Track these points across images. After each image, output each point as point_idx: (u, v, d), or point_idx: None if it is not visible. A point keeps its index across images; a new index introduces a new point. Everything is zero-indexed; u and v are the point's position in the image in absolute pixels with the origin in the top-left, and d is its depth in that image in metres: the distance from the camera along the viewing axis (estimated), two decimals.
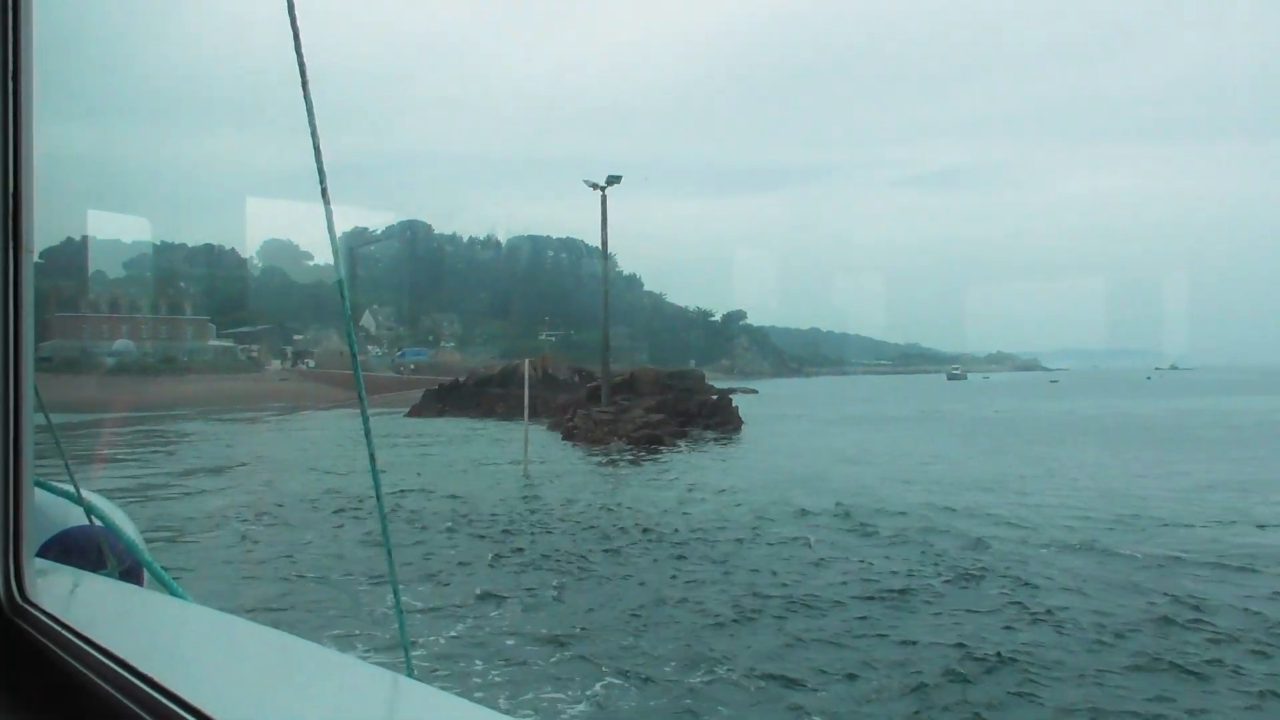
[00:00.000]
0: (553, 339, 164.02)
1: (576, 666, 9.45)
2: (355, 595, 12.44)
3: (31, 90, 1.99)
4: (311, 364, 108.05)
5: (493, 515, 19.64)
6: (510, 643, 10.35)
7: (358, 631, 10.61)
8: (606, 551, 15.70)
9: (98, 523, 2.89)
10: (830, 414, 61.35)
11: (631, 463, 31.75)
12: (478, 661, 9.60)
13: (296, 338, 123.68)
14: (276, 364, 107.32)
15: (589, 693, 8.70)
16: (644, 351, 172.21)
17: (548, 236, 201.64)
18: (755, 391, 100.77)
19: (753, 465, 30.22)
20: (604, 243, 44.70)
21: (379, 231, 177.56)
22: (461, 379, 66.72)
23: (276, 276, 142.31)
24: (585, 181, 42.80)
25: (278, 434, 49.45)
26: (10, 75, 1.94)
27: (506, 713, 5.98)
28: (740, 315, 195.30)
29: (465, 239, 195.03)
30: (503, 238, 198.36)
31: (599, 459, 33.17)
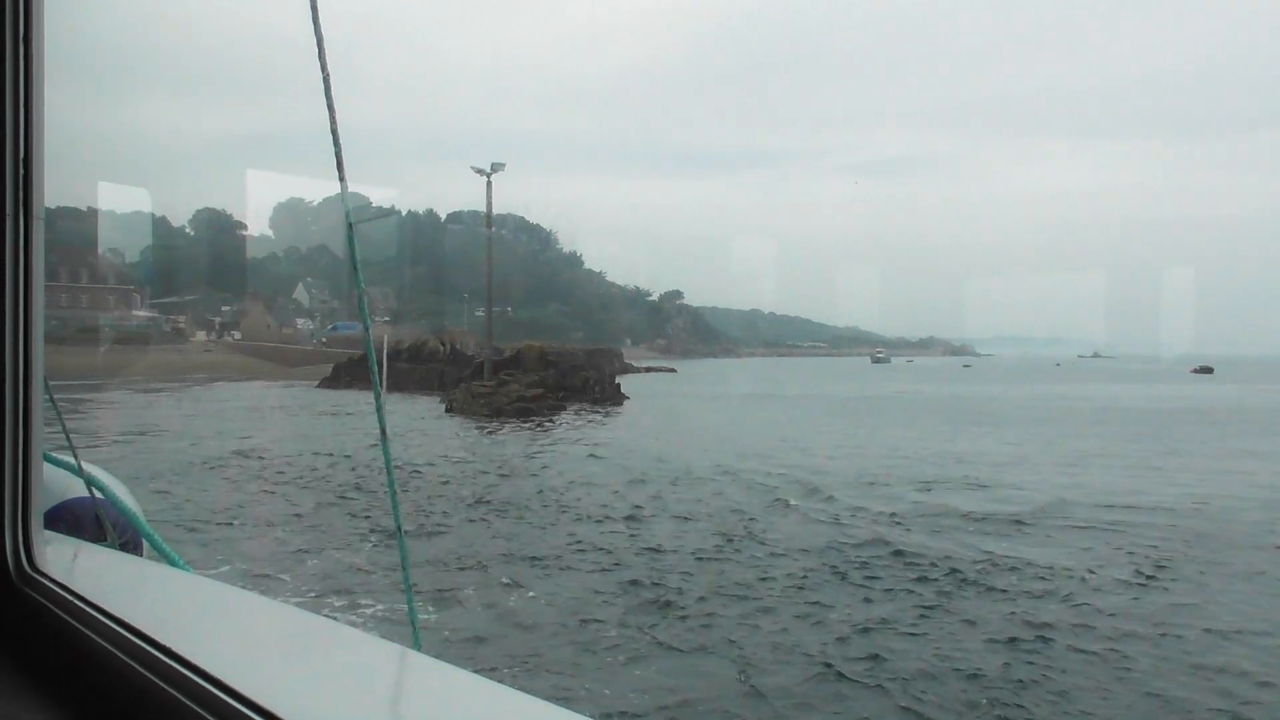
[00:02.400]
0: (480, 315, 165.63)
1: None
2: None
3: (43, 58, 1.98)
4: (237, 335, 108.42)
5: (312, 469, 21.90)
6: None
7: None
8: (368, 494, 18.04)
9: (98, 494, 2.88)
10: (724, 393, 64.05)
11: (490, 432, 33.96)
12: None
13: (225, 309, 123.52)
14: (202, 336, 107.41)
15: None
16: (581, 329, 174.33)
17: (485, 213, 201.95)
18: (674, 370, 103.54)
19: (595, 435, 32.65)
20: (489, 221, 46.69)
21: (316, 204, 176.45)
22: (356, 355, 68.27)
23: (208, 246, 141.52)
24: (472, 168, 44.66)
25: (184, 404, 50.80)
26: (23, 43, 1.93)
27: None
28: (677, 295, 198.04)
29: (404, 213, 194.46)
30: (442, 213, 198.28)
31: (469, 429, 35.31)
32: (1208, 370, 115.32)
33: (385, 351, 33.62)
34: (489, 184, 44.78)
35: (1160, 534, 15.10)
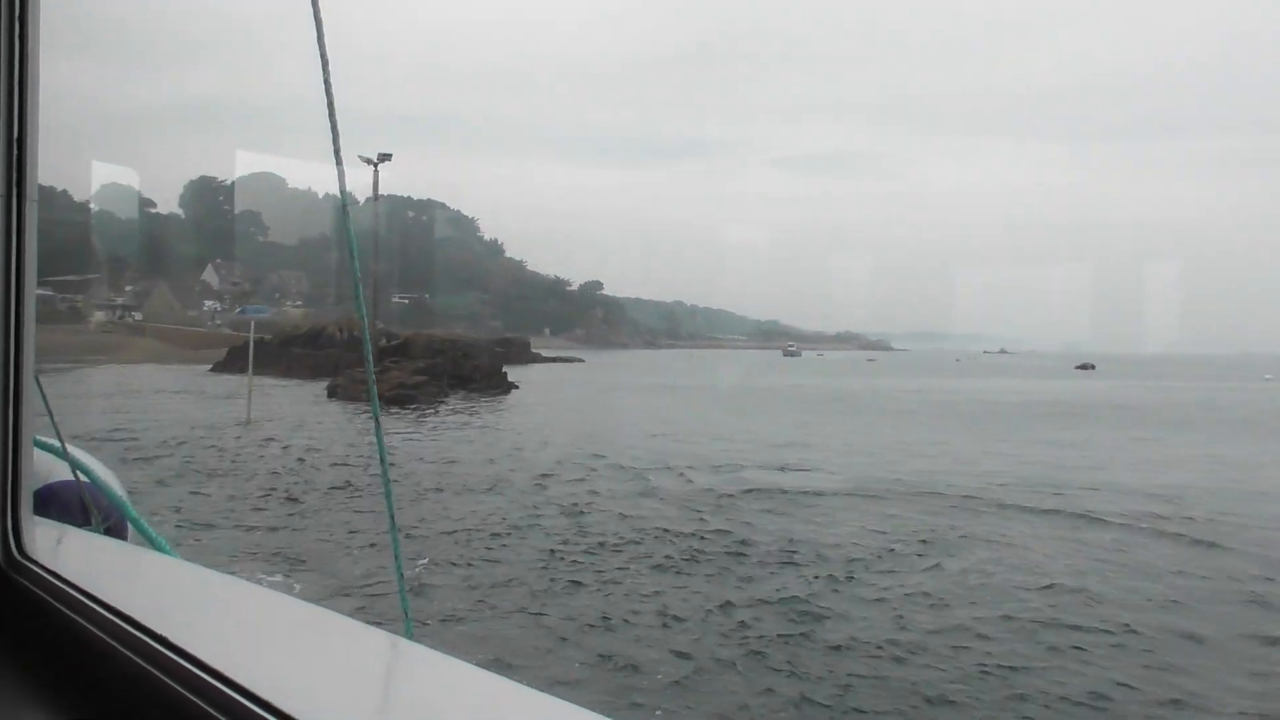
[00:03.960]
0: (405, 302, 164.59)
1: None
2: None
3: (39, 34, 1.94)
4: (138, 317, 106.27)
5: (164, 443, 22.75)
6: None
7: None
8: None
9: (83, 478, 2.84)
10: (621, 383, 65.63)
11: (363, 415, 34.89)
12: None
13: (128, 289, 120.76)
14: (100, 316, 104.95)
15: None
16: (499, 318, 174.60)
17: (407, 197, 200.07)
18: (582, 361, 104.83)
19: (468, 421, 33.89)
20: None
21: (229, 182, 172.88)
22: (268, 337, 68.10)
23: (112, 223, 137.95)
24: (360, 156, 45.31)
25: (64, 386, 50.34)
26: (18, 20, 1.90)
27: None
28: (597, 285, 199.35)
29: (321, 195, 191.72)
30: (360, 196, 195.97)
31: (345, 415, 36.12)
32: (1090, 367, 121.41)
33: (251, 341, 34.30)
34: (375, 173, 45.48)
35: (927, 511, 16.78)
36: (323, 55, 2.05)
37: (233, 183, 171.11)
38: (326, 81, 2.06)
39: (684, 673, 8.50)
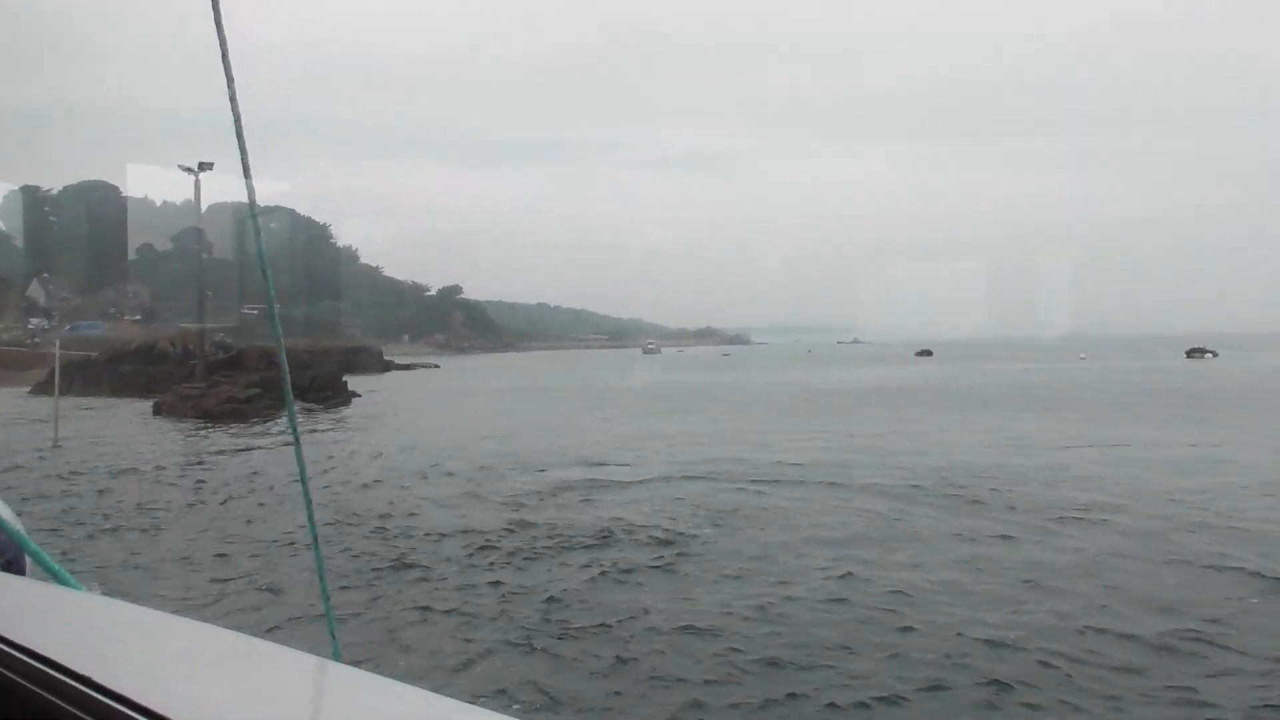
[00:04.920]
0: (254, 313, 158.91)
1: None
2: None
3: None
4: None
5: None
6: None
7: None
8: None
9: None
10: (470, 387, 65.75)
11: (186, 434, 34.18)
12: None
13: None
14: None
15: None
16: (355, 326, 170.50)
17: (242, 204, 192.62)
18: (437, 366, 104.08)
19: (271, 434, 33.66)
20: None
21: (56, 192, 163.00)
22: (94, 355, 65.10)
23: None
24: (180, 166, 44.06)
25: None
26: None
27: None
28: (456, 290, 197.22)
29: (159, 203, 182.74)
30: (204, 204, 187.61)
31: (165, 433, 35.20)
32: (928, 354, 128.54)
33: (55, 357, 33.04)
34: (197, 184, 44.31)
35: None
36: (227, 72, 2.01)
37: (59, 192, 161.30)
38: (232, 97, 2.03)
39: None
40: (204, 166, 44.27)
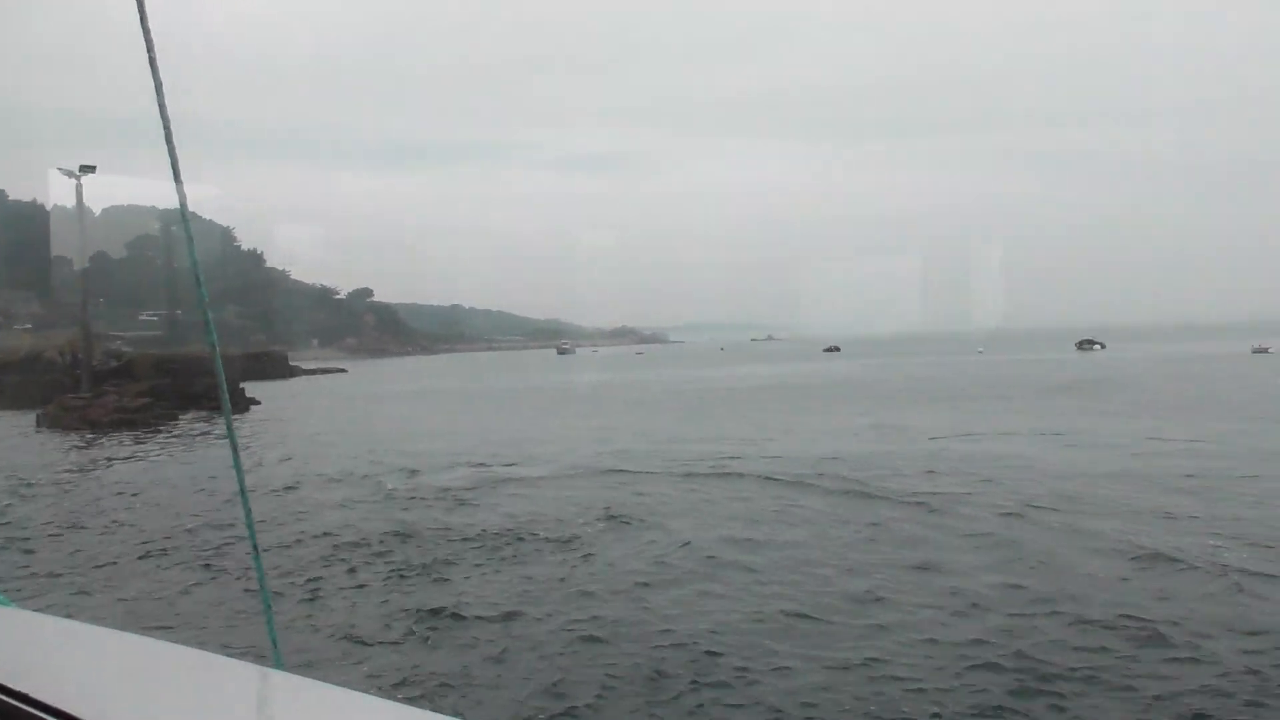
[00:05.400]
0: (154, 319, 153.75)
1: None
2: None
3: None
4: None
5: None
6: None
7: None
8: None
9: None
10: (372, 393, 65.05)
11: (69, 447, 33.23)
12: None
13: None
14: None
15: None
16: (263, 332, 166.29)
17: (152, 207, 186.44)
18: (345, 371, 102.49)
19: (188, 445, 33.06)
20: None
21: None
22: None
23: None
24: (59, 169, 42.70)
25: None
26: None
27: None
28: (367, 293, 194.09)
29: (50, 207, 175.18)
30: (97, 208, 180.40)
31: (44, 445, 34.12)
32: (835, 350, 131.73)
33: None
34: (79, 188, 42.97)
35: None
36: (156, 79, 1.97)
37: None
38: (161, 105, 2.00)
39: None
40: (85, 170, 42.93)
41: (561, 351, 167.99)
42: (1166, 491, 16.43)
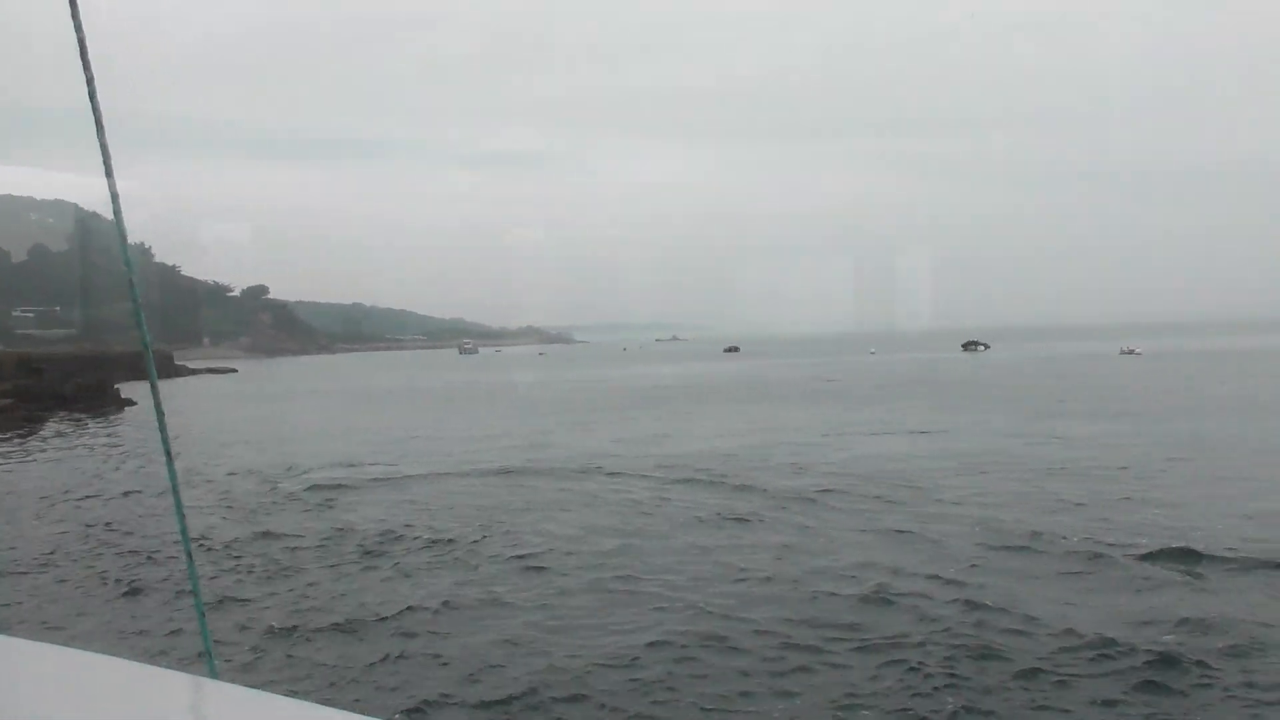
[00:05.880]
0: (29, 315, 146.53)
1: None
2: None
3: None
4: None
5: None
6: None
7: None
8: None
9: None
10: (257, 394, 63.53)
11: None
12: None
13: None
14: None
15: None
16: (150, 330, 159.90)
17: (29, 198, 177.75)
18: (235, 371, 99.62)
19: (41, 448, 31.85)
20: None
21: None
22: None
23: None
24: None
25: None
26: None
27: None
28: (262, 290, 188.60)
29: None
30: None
31: None
32: (735, 350, 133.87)
33: None
34: None
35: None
36: (86, 69, 1.92)
37: None
38: (92, 94, 1.94)
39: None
40: None
41: (464, 351, 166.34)
42: (1007, 479, 17.48)
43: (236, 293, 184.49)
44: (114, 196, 2.07)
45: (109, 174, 2.03)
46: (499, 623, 9.80)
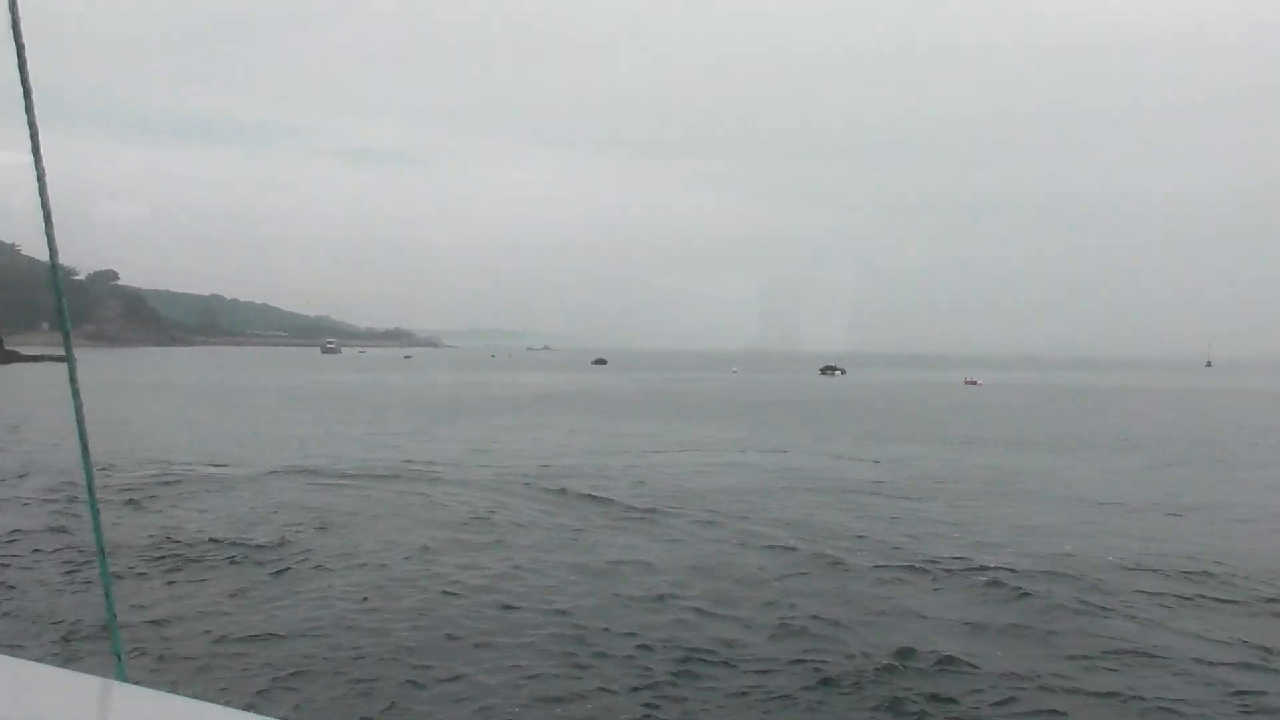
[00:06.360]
0: None
1: None
2: None
3: None
4: None
5: None
6: None
7: None
8: None
9: None
10: (90, 383, 60.36)
11: None
12: None
13: None
14: None
15: None
16: None
17: None
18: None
19: None
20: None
21: None
22: None
23: None
24: None
25: None
26: None
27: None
28: (111, 275, 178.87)
29: None
30: None
31: None
32: (603, 362, 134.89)
33: None
34: None
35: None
36: (18, 40, 1.84)
37: None
38: (22, 65, 1.87)
39: None
40: None
41: (326, 350, 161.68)
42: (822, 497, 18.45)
43: (82, 276, 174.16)
44: (40, 180, 1.95)
45: (37, 159, 1.93)
46: (323, 611, 9.93)
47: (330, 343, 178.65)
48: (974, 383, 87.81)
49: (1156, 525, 16.41)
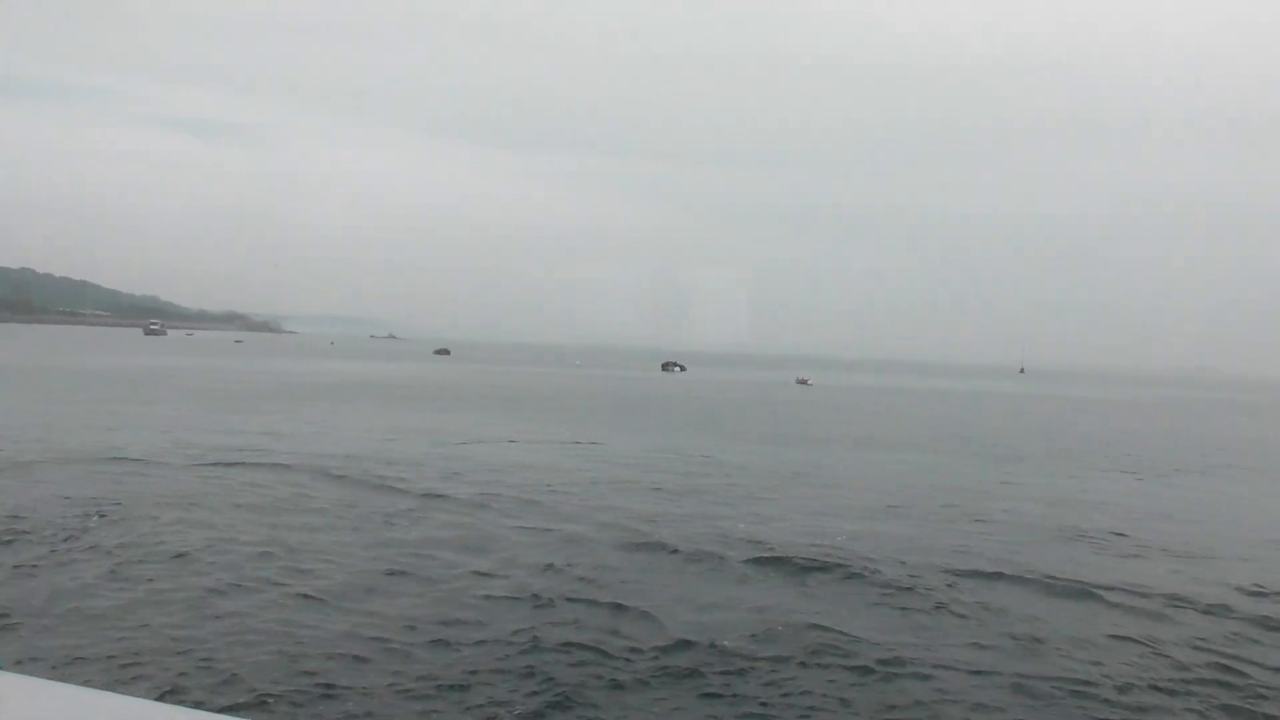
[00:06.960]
0: None
1: None
2: None
3: None
4: None
5: None
6: None
7: None
8: None
9: None
10: None
11: None
12: None
13: None
14: None
15: None
16: None
17: None
18: None
19: None
20: None
21: None
22: None
23: None
24: None
25: None
26: None
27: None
28: None
29: None
30: None
31: None
32: (445, 353, 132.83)
33: None
34: None
35: None
36: None
37: None
38: None
39: None
40: None
41: (150, 332, 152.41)
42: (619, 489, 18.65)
43: None
44: None
45: None
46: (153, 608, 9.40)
47: (154, 324, 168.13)
48: (805, 382, 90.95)
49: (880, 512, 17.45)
